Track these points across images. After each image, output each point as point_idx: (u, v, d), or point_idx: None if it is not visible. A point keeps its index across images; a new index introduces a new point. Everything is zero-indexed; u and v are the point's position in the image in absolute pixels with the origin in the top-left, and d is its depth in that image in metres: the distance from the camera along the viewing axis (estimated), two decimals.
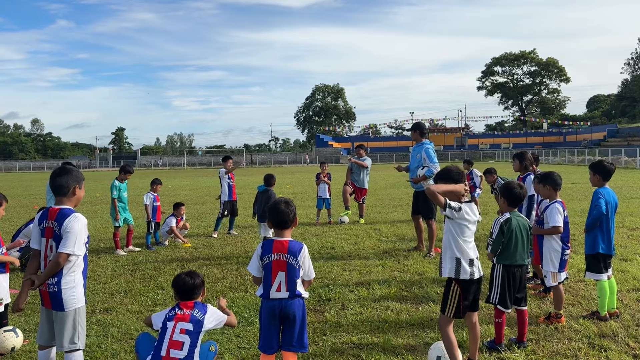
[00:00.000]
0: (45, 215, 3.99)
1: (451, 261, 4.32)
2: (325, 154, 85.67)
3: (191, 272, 4.19)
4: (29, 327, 5.82)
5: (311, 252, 9.66)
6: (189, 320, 3.79)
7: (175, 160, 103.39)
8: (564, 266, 5.70)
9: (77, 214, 3.95)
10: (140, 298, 6.87)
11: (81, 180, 4.12)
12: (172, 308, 4.03)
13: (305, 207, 16.80)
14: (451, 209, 4.26)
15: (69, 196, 4.02)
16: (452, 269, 4.30)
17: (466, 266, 4.27)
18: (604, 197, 5.67)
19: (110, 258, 9.51)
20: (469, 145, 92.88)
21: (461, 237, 4.31)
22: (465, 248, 4.29)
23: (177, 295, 4.11)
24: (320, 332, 5.43)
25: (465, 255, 4.29)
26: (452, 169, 4.49)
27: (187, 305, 3.99)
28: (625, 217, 13.00)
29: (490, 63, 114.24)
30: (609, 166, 5.83)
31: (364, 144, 14.66)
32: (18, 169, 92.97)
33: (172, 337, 3.72)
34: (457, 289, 4.30)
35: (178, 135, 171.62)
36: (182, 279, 4.08)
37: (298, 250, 4.06)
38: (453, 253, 4.31)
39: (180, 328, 3.75)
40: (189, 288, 4.04)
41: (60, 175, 4.02)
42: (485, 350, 4.84)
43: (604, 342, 4.97)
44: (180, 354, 3.71)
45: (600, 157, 50.30)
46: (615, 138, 74.83)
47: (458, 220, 4.29)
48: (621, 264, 7.95)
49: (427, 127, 9.88)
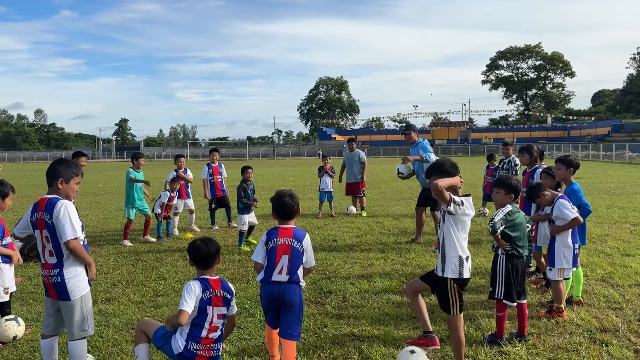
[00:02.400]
0: (36, 207, 4.00)
1: (455, 260, 4.18)
2: (328, 146, 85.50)
3: (207, 239, 3.98)
4: (30, 317, 5.84)
5: (313, 244, 9.56)
6: (222, 304, 3.82)
7: (178, 151, 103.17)
8: (577, 261, 5.69)
9: (63, 200, 3.94)
10: (142, 288, 6.89)
11: (71, 175, 4.06)
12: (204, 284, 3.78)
13: (308, 199, 16.79)
14: (455, 204, 4.07)
15: (54, 187, 4.03)
16: (456, 269, 4.17)
17: (467, 264, 4.22)
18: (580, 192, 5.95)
19: (112, 248, 9.53)
20: (472, 140, 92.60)
21: (462, 234, 4.21)
22: (464, 245, 4.23)
23: (192, 261, 3.94)
24: (321, 324, 5.44)
25: (465, 252, 4.22)
26: (445, 162, 4.31)
27: (217, 283, 3.84)
28: (628, 212, 12.95)
29: (495, 57, 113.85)
30: (576, 161, 6.20)
31: (353, 137, 14.78)
32: (22, 159, 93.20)
33: (212, 323, 3.76)
34: (455, 287, 4.23)
35: (181, 126, 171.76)
36: (197, 246, 3.90)
37: (302, 235, 4.27)
38: (457, 252, 4.18)
39: (217, 313, 3.78)
40: (203, 256, 3.86)
41: (52, 165, 4.06)
42: (486, 344, 4.84)
43: (605, 336, 4.96)
44: (216, 335, 3.82)
45: (605, 151, 50.14)
46: (620, 133, 74.50)
47: (460, 215, 4.14)
48: (624, 260, 7.93)
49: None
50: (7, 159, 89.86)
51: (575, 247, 5.66)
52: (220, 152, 12.04)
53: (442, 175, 4.15)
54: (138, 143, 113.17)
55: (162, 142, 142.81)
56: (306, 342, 4.98)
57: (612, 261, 7.84)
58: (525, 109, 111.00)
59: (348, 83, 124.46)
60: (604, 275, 7.07)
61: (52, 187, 4.03)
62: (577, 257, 5.74)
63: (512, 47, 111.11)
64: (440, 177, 4.12)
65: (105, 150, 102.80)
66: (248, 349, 4.82)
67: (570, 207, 5.52)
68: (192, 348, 3.69)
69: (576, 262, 5.68)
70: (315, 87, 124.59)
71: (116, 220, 13.05)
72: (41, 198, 4.04)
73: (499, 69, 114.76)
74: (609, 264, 7.65)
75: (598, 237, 9.77)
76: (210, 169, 11.45)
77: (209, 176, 11.44)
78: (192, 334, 3.71)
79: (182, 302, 3.66)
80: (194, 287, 3.74)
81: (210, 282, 3.83)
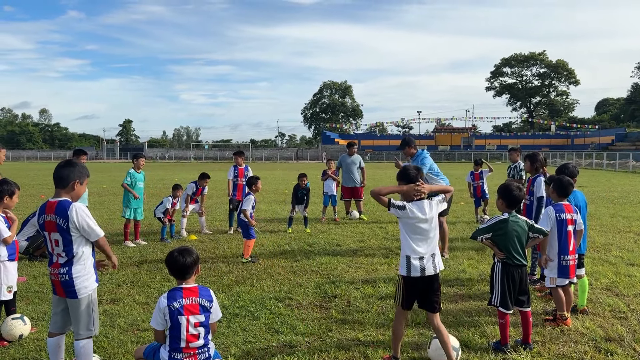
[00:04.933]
0: (43, 210, 4.01)
1: (404, 259, 4.44)
2: (331, 150, 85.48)
3: (184, 249, 3.87)
4: (36, 316, 5.86)
5: (317, 248, 9.69)
6: (199, 312, 3.74)
7: (182, 153, 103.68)
8: (565, 273, 5.54)
9: (74, 204, 3.97)
10: (146, 289, 6.91)
11: (84, 176, 4.12)
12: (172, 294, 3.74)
13: (312, 203, 16.77)
14: (395, 208, 4.38)
15: (67, 190, 4.03)
16: (404, 267, 4.42)
17: (416, 263, 4.37)
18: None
19: (116, 249, 9.55)
20: (476, 146, 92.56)
21: (411, 234, 4.41)
22: (415, 246, 4.39)
23: (170, 272, 3.88)
24: (326, 328, 5.44)
25: (416, 252, 4.38)
26: (410, 168, 4.56)
27: (192, 291, 3.76)
28: (632, 221, 12.93)
29: (500, 64, 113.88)
30: (574, 170, 6.25)
31: (355, 142, 14.89)
32: (25, 158, 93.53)
33: (188, 332, 3.68)
34: (402, 282, 4.47)
35: (185, 128, 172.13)
36: (173, 257, 3.81)
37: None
38: (404, 251, 4.44)
39: (194, 322, 3.69)
40: (180, 267, 3.78)
41: (64, 167, 4.05)
42: (490, 351, 4.84)
43: (610, 345, 4.96)
44: (198, 344, 3.74)
45: (608, 160, 50.02)
46: (624, 142, 74.38)
47: (404, 218, 4.40)
48: (628, 269, 7.91)
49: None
50: (11, 158, 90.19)
51: (565, 258, 5.53)
52: (245, 155, 12.03)
53: (403, 182, 4.49)
54: (142, 144, 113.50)
55: (166, 143, 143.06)
56: (311, 345, 4.98)
57: (617, 270, 7.83)
58: (529, 116, 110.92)
59: (352, 87, 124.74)
60: (608, 284, 7.06)
61: (65, 188, 4.03)
62: (569, 269, 5.55)
63: (516, 54, 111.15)
64: (402, 182, 4.49)
65: (109, 151, 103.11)
66: (253, 352, 4.83)
67: (547, 220, 5.55)
68: (176, 358, 3.70)
69: (565, 273, 5.52)
70: (320, 91, 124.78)
71: (120, 221, 13.04)
72: (49, 201, 4.04)
73: (503, 76, 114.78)
74: (614, 273, 7.64)
75: (602, 246, 9.75)
76: (236, 171, 11.53)
77: (234, 178, 11.53)
78: (172, 346, 3.70)
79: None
80: (160, 300, 3.75)
81: (183, 291, 3.76)
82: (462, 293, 6.75)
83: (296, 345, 5.01)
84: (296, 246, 9.87)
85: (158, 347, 3.86)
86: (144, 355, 3.93)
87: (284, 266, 8.25)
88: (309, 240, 10.49)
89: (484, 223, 5.05)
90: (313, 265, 8.25)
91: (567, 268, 5.56)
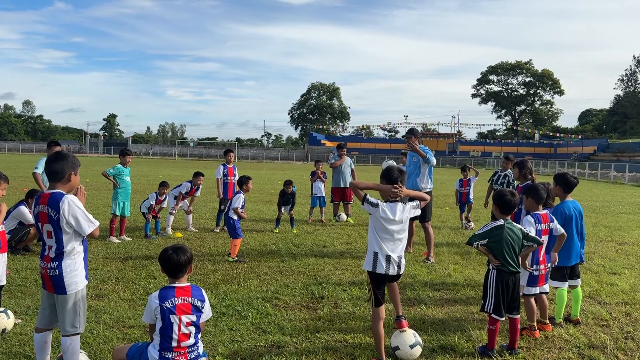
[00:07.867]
0: (37, 201, 4.00)
1: (370, 255, 4.61)
2: (317, 152, 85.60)
3: (178, 247, 3.86)
4: (19, 310, 5.77)
5: (304, 249, 9.68)
6: (191, 312, 3.73)
7: (166, 150, 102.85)
8: (534, 282, 5.51)
9: (67, 196, 3.92)
10: (132, 286, 6.84)
11: (77, 166, 4.11)
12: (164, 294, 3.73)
13: (298, 204, 16.76)
14: (368, 204, 4.59)
15: (63, 182, 4.00)
16: (370, 263, 4.59)
17: (382, 261, 4.54)
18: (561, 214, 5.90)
19: (101, 245, 9.44)
20: (460, 152, 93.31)
21: (380, 232, 4.59)
22: (383, 244, 4.56)
23: (163, 270, 3.87)
24: (314, 329, 5.44)
25: (383, 251, 4.56)
26: (393, 169, 4.76)
27: (184, 290, 3.76)
28: (614, 231, 13.15)
29: (486, 71, 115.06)
30: (572, 179, 6.06)
31: (344, 143, 14.99)
32: (7, 150, 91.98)
33: (180, 331, 3.67)
34: (369, 280, 4.64)
35: (170, 125, 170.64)
36: (167, 255, 3.80)
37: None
38: (372, 247, 4.61)
39: (185, 322, 3.68)
40: (173, 265, 3.77)
41: (57, 161, 4.00)
42: (477, 355, 4.89)
43: (593, 353, 5.03)
44: (189, 343, 3.73)
45: (590, 170, 50.81)
46: (605, 153, 75.64)
47: (376, 216, 4.58)
48: (610, 278, 8.04)
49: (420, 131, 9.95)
50: None
51: (537, 267, 5.49)
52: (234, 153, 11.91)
53: (384, 181, 4.71)
54: (126, 139, 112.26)
55: (150, 139, 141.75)
56: (299, 346, 4.98)
57: (599, 279, 7.95)
58: (513, 124, 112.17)
59: (340, 89, 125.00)
60: (591, 293, 7.17)
61: (61, 181, 3.99)
62: (538, 278, 5.51)
63: (503, 62, 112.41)
64: (384, 181, 4.71)
65: (92, 145, 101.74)
66: (241, 352, 4.81)
67: (531, 227, 5.40)
68: (167, 357, 3.67)
69: (534, 282, 5.49)
70: (307, 92, 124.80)
71: (104, 215, 12.90)
72: (44, 192, 4.00)
73: (489, 83, 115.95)
74: (596, 282, 7.76)
75: (585, 255, 9.86)
76: (225, 169, 11.36)
77: (224, 176, 11.33)
78: (163, 345, 3.68)
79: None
80: (151, 299, 3.75)
81: (176, 290, 3.75)
82: (448, 297, 6.80)
83: (284, 345, 5.00)
84: (283, 246, 9.86)
85: (145, 347, 3.83)
86: (127, 356, 3.89)
87: (271, 266, 8.23)
88: (296, 240, 10.49)
89: (480, 229, 5.03)
90: (300, 266, 8.24)
91: (536, 277, 5.53)
